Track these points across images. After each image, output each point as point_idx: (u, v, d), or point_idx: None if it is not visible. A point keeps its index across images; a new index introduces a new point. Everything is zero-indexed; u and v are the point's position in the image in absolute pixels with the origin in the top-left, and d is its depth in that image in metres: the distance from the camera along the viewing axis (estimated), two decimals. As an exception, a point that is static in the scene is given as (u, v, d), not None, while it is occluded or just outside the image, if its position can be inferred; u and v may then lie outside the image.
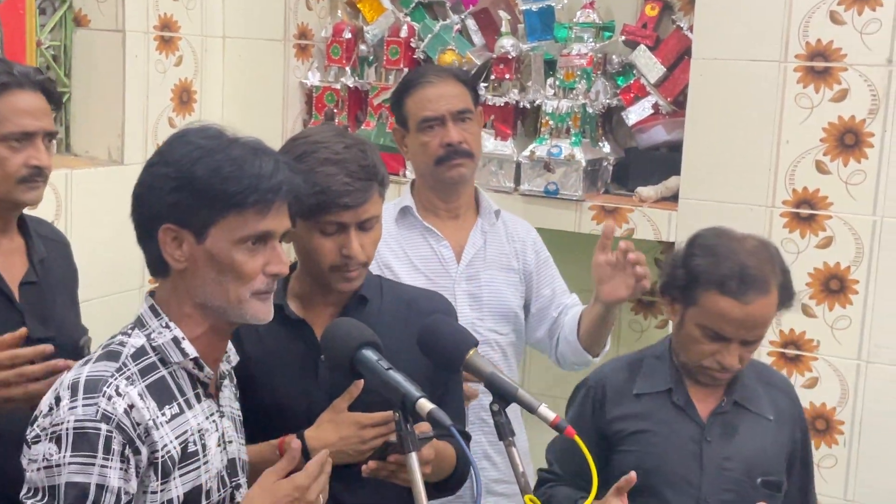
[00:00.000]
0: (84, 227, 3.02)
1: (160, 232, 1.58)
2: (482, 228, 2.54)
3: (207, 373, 1.65)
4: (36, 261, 2.15)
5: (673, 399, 2.15)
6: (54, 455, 1.49)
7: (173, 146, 1.60)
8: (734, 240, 2.11)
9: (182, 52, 3.39)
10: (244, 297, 1.59)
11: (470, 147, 2.45)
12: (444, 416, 1.51)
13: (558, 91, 3.28)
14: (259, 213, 1.57)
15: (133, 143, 3.26)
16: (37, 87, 2.07)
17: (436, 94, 2.44)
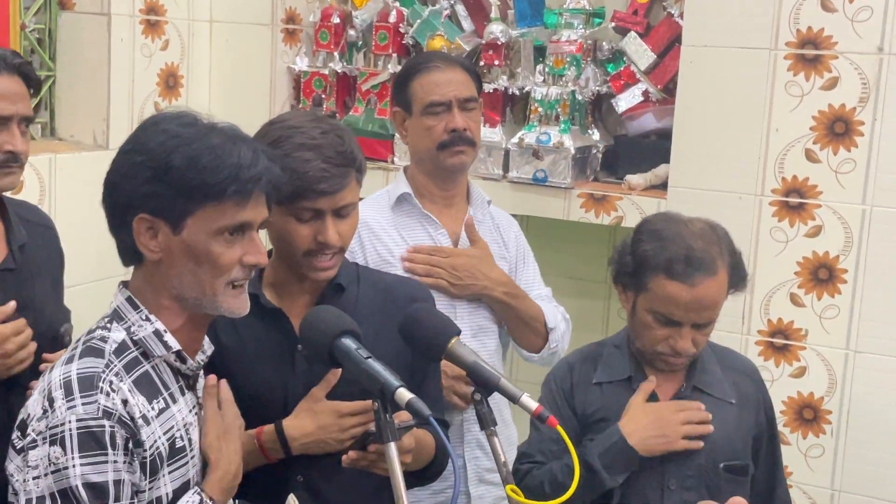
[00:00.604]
0: (68, 212, 2.99)
1: (134, 222, 1.54)
2: (475, 218, 2.52)
3: (191, 365, 1.62)
4: (15, 247, 2.11)
5: (633, 387, 2.14)
6: (60, 458, 1.43)
7: (148, 133, 1.55)
8: (680, 223, 2.10)
9: (168, 36, 3.36)
10: (219, 289, 1.56)
11: (473, 135, 2.44)
12: (422, 406, 1.49)
13: (547, 78, 3.25)
14: (237, 204, 1.53)
15: (118, 127, 3.23)
16: (13, 71, 2.03)
17: (444, 78, 2.42)
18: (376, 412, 1.54)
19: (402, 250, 2.44)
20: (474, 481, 2.48)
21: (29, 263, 2.14)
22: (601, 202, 3.16)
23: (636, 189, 3.15)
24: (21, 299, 2.06)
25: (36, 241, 2.18)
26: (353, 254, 2.33)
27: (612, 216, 3.15)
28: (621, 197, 3.14)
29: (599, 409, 2.14)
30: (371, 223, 2.41)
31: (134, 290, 1.60)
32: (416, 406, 1.49)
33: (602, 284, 3.59)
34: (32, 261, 2.15)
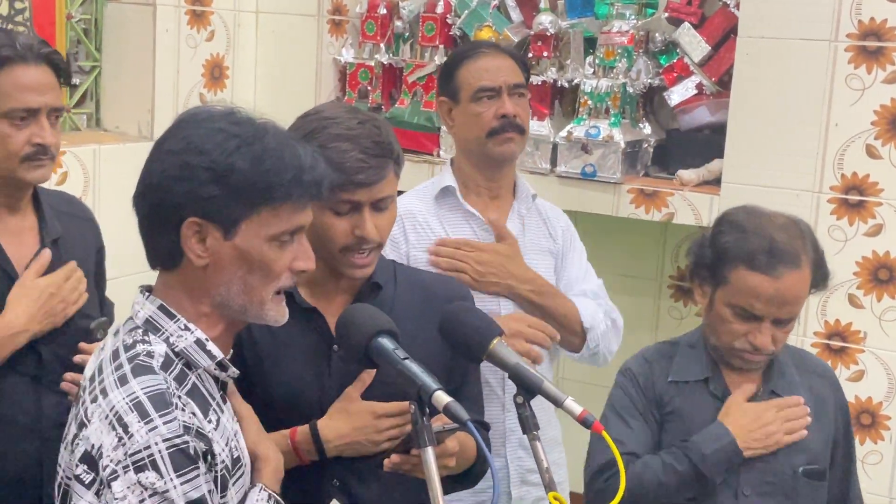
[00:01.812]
0: (112, 204, 2.98)
1: (184, 226, 1.43)
2: (519, 212, 2.45)
3: (231, 373, 1.55)
4: (48, 241, 2.08)
5: (710, 389, 2.07)
6: (157, 482, 1.35)
7: (200, 132, 1.44)
8: (763, 216, 2.05)
9: (214, 27, 3.33)
10: (267, 296, 1.48)
11: (522, 122, 2.37)
12: (460, 410, 1.43)
13: (598, 70, 3.17)
14: (295, 208, 1.46)
15: (163, 118, 3.21)
16: (42, 61, 1.99)
17: (493, 64, 2.36)
18: (413, 415, 1.49)
19: None
20: (516, 482, 2.41)
21: (62, 257, 2.11)
22: (651, 198, 3.08)
23: (688, 185, 3.07)
24: (54, 293, 2.04)
25: (71, 234, 2.15)
26: (395, 243, 2.28)
27: (662, 212, 3.06)
28: (672, 193, 3.05)
29: (673, 409, 2.08)
30: (416, 214, 2.36)
31: (165, 296, 1.49)
32: (453, 410, 1.43)
33: (652, 282, 3.51)
34: (66, 254, 2.12)
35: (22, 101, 1.96)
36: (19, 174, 1.99)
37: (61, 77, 2.03)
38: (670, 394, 2.10)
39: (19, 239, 2.05)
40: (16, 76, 1.96)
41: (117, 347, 1.47)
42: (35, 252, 2.06)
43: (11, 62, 1.96)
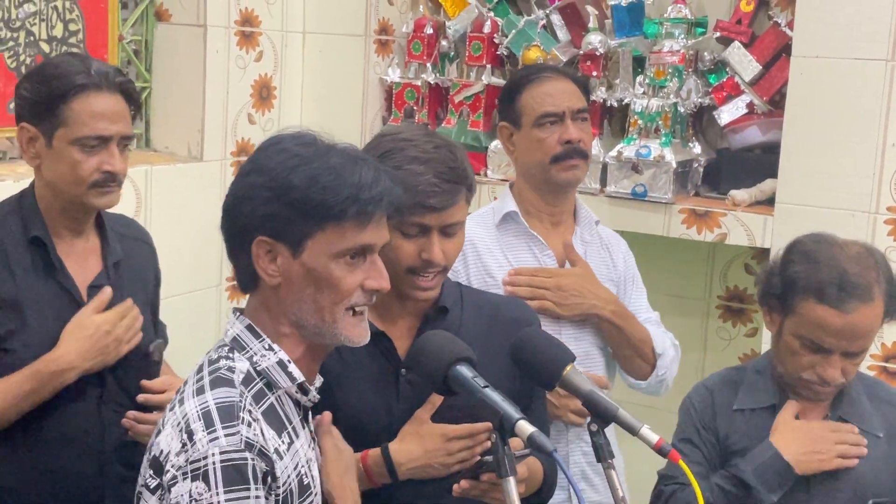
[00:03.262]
0: (163, 224, 2.99)
1: (253, 245, 1.47)
2: (582, 238, 2.43)
3: (312, 397, 1.55)
4: (110, 263, 2.09)
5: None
6: (204, 494, 1.36)
7: (267, 153, 1.49)
8: (835, 245, 2.00)
9: (262, 48, 3.34)
10: (339, 315, 1.49)
11: (586, 147, 2.35)
12: (545, 441, 1.41)
13: (648, 89, 3.16)
14: (358, 226, 1.47)
15: (213, 139, 3.22)
16: (115, 89, 2.00)
17: (556, 89, 2.34)
18: (494, 444, 1.47)
19: (504, 272, 2.35)
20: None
21: (123, 280, 2.11)
22: (703, 218, 3.05)
23: (741, 205, 3.04)
24: (113, 315, 2.05)
25: (132, 257, 2.16)
26: (456, 273, 2.25)
27: (715, 233, 3.04)
28: (725, 213, 3.02)
29: (742, 437, 2.04)
30: (476, 242, 2.34)
31: (252, 317, 1.54)
32: (538, 441, 1.41)
33: (701, 302, 3.48)
34: (127, 277, 2.13)
35: (95, 129, 1.98)
36: (87, 200, 2.00)
37: (132, 105, 2.05)
38: (735, 424, 2.06)
39: (83, 261, 2.07)
40: (90, 104, 1.97)
41: (203, 362, 1.51)
42: (97, 274, 2.07)
43: (86, 90, 1.97)
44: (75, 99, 1.96)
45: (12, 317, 1.97)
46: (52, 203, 2.03)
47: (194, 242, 3.14)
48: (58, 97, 1.96)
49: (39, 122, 1.98)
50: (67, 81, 1.96)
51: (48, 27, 2.88)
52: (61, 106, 1.96)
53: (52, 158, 1.99)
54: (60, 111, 1.96)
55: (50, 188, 2.02)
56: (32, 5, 2.83)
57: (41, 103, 1.97)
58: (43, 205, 2.03)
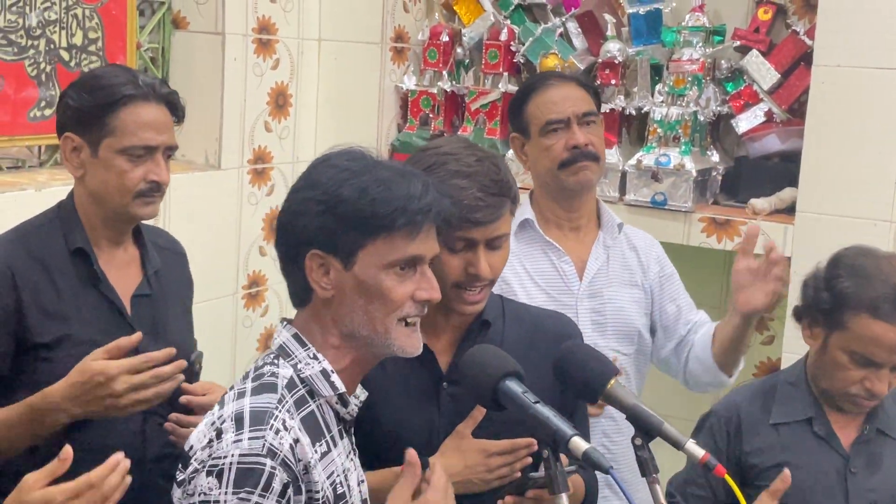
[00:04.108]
0: (181, 232, 2.93)
1: (307, 259, 1.50)
2: (604, 242, 2.43)
3: (351, 409, 1.57)
4: (150, 272, 2.09)
5: (814, 429, 2.04)
6: (213, 490, 1.40)
7: (318, 169, 1.53)
8: (881, 258, 2.01)
9: (279, 55, 3.33)
10: (391, 325, 1.51)
11: (596, 150, 2.35)
12: (601, 458, 1.41)
13: (667, 98, 3.16)
14: (407, 237, 1.49)
15: (230, 147, 3.21)
16: (161, 101, 2.01)
17: (560, 95, 2.34)
18: (546, 461, 1.46)
19: (520, 281, 2.35)
20: None
21: (163, 289, 2.11)
22: (724, 227, 3.05)
23: (761, 213, 3.04)
24: (155, 326, 2.03)
25: (168, 267, 2.16)
26: None
27: (735, 241, 3.04)
28: (745, 222, 3.02)
29: (777, 451, 2.03)
30: None
31: (301, 327, 1.56)
32: (594, 457, 1.40)
33: (715, 310, 3.44)
34: (166, 287, 2.13)
35: (141, 139, 1.97)
36: (131, 209, 2.00)
37: (176, 116, 2.05)
38: (768, 439, 2.05)
39: (124, 272, 2.06)
40: (137, 114, 1.97)
41: (249, 369, 1.54)
42: (138, 284, 2.07)
43: (134, 100, 1.97)
44: (123, 109, 1.96)
45: (56, 327, 1.96)
46: (93, 214, 2.02)
47: (211, 251, 3.13)
48: (105, 107, 1.96)
49: (85, 132, 1.98)
50: (115, 91, 1.96)
51: (68, 35, 2.86)
52: (109, 115, 1.96)
53: (98, 168, 1.98)
54: (108, 121, 1.96)
55: (93, 198, 2.01)
56: (52, 13, 2.81)
57: (88, 113, 1.97)
58: (83, 216, 2.03)
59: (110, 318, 2.01)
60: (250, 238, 3.35)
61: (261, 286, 3.41)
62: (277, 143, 3.39)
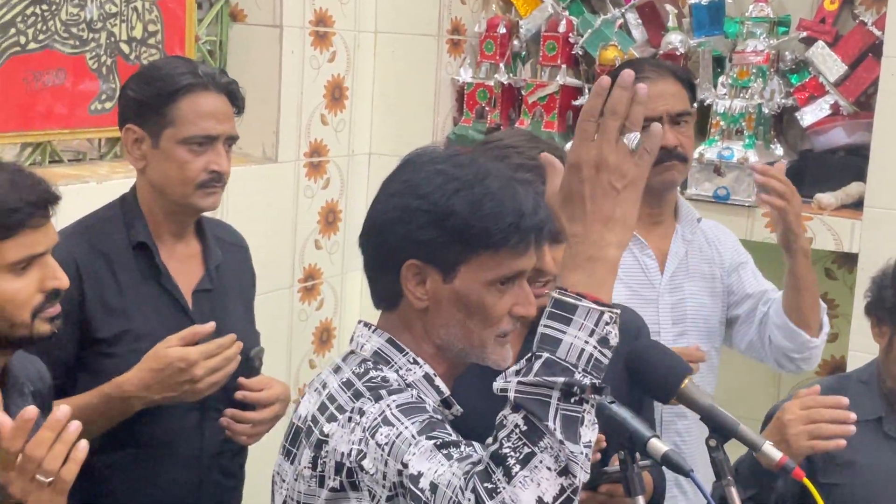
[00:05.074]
0: (238, 225, 2.94)
1: (403, 268, 1.44)
2: (684, 237, 2.37)
3: (455, 411, 1.52)
4: (212, 267, 2.08)
5: (884, 428, 1.99)
6: (390, 431, 1.34)
7: (422, 174, 1.45)
8: None
9: (336, 48, 3.32)
10: (488, 340, 1.46)
11: (685, 151, 2.29)
12: (681, 460, 1.37)
13: (731, 90, 3.09)
14: (515, 253, 1.44)
15: (287, 140, 3.21)
16: (221, 90, 2.01)
17: (655, 92, 2.21)
18: (623, 462, 1.43)
19: None
20: None
21: (224, 284, 2.11)
22: (788, 222, 2.98)
23: (827, 209, 2.97)
24: (216, 320, 2.01)
25: (230, 261, 2.15)
26: None
27: (800, 237, 2.96)
28: (811, 217, 2.95)
29: (844, 450, 1.98)
30: None
31: (392, 333, 1.50)
32: (673, 459, 1.37)
33: (779, 307, 3.40)
34: (227, 281, 2.12)
35: (202, 129, 1.96)
36: (193, 200, 1.99)
37: (236, 106, 2.04)
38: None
39: (185, 266, 2.06)
40: (197, 104, 1.96)
41: (348, 378, 1.46)
42: (200, 278, 2.06)
43: (194, 89, 1.96)
44: (183, 99, 1.95)
45: (117, 322, 1.96)
46: (156, 207, 2.02)
47: (267, 244, 3.12)
48: (166, 97, 1.95)
49: (146, 123, 1.97)
50: (175, 81, 1.96)
51: (128, 28, 2.87)
52: (169, 106, 1.95)
53: (159, 159, 1.98)
54: (168, 111, 1.95)
55: (155, 190, 2.01)
56: (112, 6, 2.82)
57: (148, 104, 1.97)
58: (146, 209, 2.02)
59: (171, 313, 2.01)
60: (306, 231, 3.34)
61: (316, 280, 3.40)
62: (333, 136, 3.38)
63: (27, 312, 1.57)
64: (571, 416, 1.20)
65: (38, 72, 2.66)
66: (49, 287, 1.59)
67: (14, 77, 2.60)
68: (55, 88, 2.71)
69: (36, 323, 1.58)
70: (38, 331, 1.59)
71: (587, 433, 1.21)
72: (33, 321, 1.58)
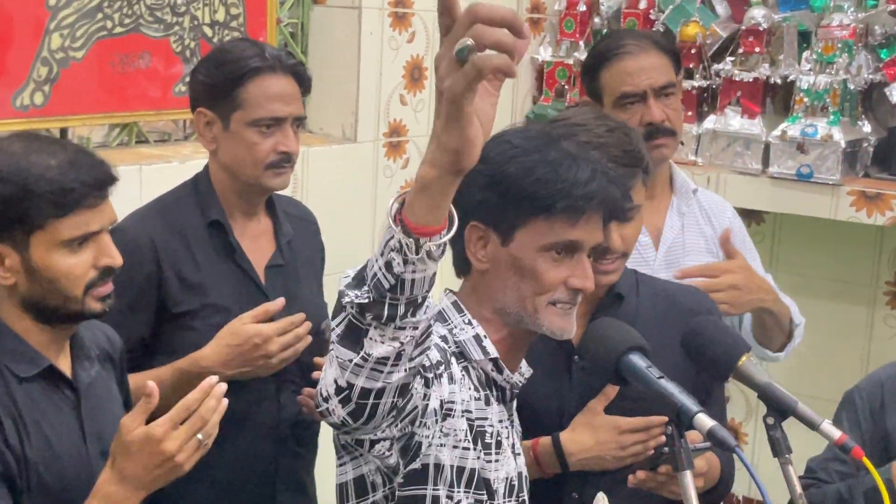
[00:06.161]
0: (318, 205, 3.00)
1: (466, 230, 1.51)
2: (679, 209, 2.32)
3: (507, 376, 1.56)
4: (283, 243, 2.13)
5: None
6: None
7: (489, 145, 1.49)
8: None
9: (415, 29, 3.34)
10: (540, 306, 1.50)
11: (672, 125, 2.23)
12: (727, 435, 1.36)
13: (815, 65, 3.02)
14: (568, 222, 1.48)
15: (366, 120, 3.24)
16: (288, 72, 2.04)
17: (636, 66, 2.20)
18: (669, 437, 1.43)
19: None
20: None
21: (295, 259, 2.15)
22: (874, 201, 2.90)
23: (916, 186, 2.88)
24: (288, 295, 2.07)
25: (300, 237, 2.20)
26: None
27: (886, 216, 2.89)
28: (899, 194, 2.87)
29: None
30: None
31: (461, 297, 1.59)
32: (719, 435, 1.36)
33: (867, 288, 3.32)
34: (298, 256, 2.17)
35: (270, 111, 2.01)
36: (263, 181, 2.04)
37: (303, 87, 2.08)
38: None
39: (257, 242, 2.11)
40: (265, 86, 2.01)
41: None
42: (272, 254, 2.11)
43: (261, 72, 2.00)
44: (251, 81, 2.00)
45: (195, 298, 2.03)
46: (227, 186, 2.07)
47: (347, 224, 3.17)
48: (234, 80, 2.00)
49: (216, 106, 2.03)
50: (243, 65, 2.00)
51: (211, 11, 2.94)
52: (237, 89, 2.00)
53: (229, 141, 2.03)
54: (236, 94, 2.00)
55: (227, 171, 2.06)
56: (196, -10, 2.90)
57: (217, 87, 2.02)
58: (219, 188, 2.08)
59: (245, 289, 2.06)
60: (385, 210, 3.37)
61: (396, 258, 3.44)
62: (412, 117, 3.40)
63: (80, 288, 1.63)
64: (355, 325, 1.21)
65: (125, 55, 2.75)
66: (102, 264, 1.65)
67: (102, 60, 2.70)
68: (141, 71, 2.80)
69: (87, 300, 1.64)
70: (89, 307, 1.65)
71: (374, 346, 1.21)
72: (85, 297, 1.64)
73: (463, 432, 1.47)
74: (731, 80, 3.11)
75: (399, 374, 1.24)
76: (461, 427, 1.47)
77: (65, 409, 1.68)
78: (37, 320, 1.66)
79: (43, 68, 2.56)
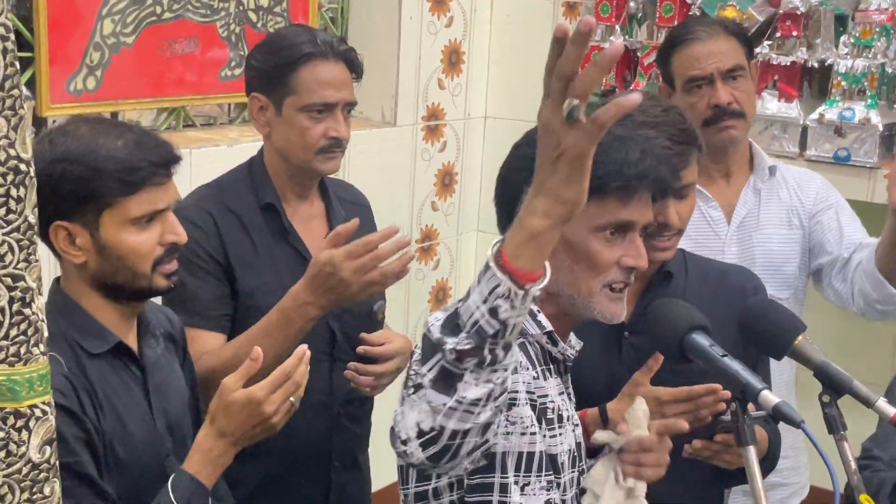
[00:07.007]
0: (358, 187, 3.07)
1: None
2: (754, 186, 2.37)
3: (562, 348, 1.58)
4: (335, 225, 2.16)
5: None
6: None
7: None
8: None
9: (453, 13, 3.38)
10: (595, 289, 1.51)
11: (741, 107, 2.28)
12: (792, 411, 1.40)
13: (852, 49, 3.04)
14: (620, 202, 1.49)
15: (406, 104, 3.29)
16: (339, 58, 2.07)
17: (704, 51, 2.26)
18: (734, 413, 1.47)
19: None
20: None
21: (347, 241, 2.18)
22: (912, 184, 2.92)
23: (953, 170, 2.90)
24: (342, 278, 2.10)
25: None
26: None
27: (923, 200, 2.90)
28: (936, 179, 2.88)
29: None
30: None
31: None
32: (784, 411, 1.40)
33: (901, 271, 3.34)
34: (350, 239, 2.20)
35: (321, 97, 2.04)
36: (314, 165, 2.08)
37: (354, 73, 2.11)
38: None
39: (310, 225, 2.15)
40: (317, 72, 2.04)
41: None
42: (324, 236, 2.14)
43: (313, 58, 2.04)
44: (303, 67, 2.03)
45: (254, 277, 2.07)
46: (281, 170, 2.11)
47: (386, 205, 3.22)
48: (286, 66, 2.04)
49: (269, 92, 2.06)
50: (295, 51, 2.04)
51: (255, -3, 2.99)
52: (290, 75, 2.03)
53: (282, 126, 2.07)
54: (289, 80, 2.04)
55: (279, 155, 2.10)
56: (240, -24, 2.94)
57: (271, 73, 2.05)
58: (272, 172, 2.12)
59: (299, 271, 2.08)
60: (423, 193, 3.43)
61: (433, 240, 3.49)
62: (450, 100, 3.45)
63: (148, 264, 1.68)
64: (449, 370, 1.23)
65: (172, 40, 2.80)
66: (168, 241, 1.70)
67: (150, 46, 2.75)
68: (188, 56, 2.85)
69: (155, 276, 1.69)
70: (156, 284, 1.70)
71: (468, 389, 1.23)
72: (153, 273, 1.69)
73: (529, 418, 1.49)
74: (769, 64, 3.12)
75: (487, 413, 1.26)
76: (526, 414, 1.49)
77: (133, 385, 1.74)
78: (106, 298, 1.71)
79: (95, 53, 2.62)
